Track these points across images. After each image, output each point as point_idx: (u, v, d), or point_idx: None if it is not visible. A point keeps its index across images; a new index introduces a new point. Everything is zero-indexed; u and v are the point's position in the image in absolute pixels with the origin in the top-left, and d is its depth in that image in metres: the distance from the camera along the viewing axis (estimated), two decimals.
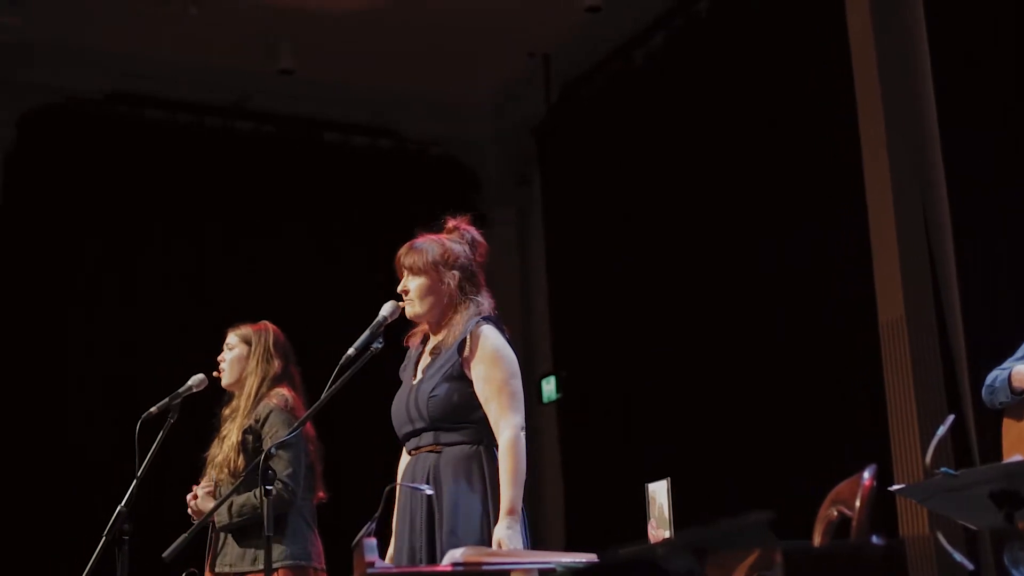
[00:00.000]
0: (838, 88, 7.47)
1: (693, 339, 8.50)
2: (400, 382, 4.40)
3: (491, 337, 4.18)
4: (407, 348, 4.46)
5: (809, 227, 7.70)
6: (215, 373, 5.37)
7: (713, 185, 8.49)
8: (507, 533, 3.92)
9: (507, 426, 4.07)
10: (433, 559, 4.01)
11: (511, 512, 3.97)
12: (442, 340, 4.26)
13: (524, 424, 4.11)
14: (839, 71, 7.46)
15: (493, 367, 4.13)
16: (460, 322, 4.22)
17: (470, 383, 4.15)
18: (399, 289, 4.29)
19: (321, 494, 5.36)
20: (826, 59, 7.64)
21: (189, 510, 5.24)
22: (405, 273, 4.30)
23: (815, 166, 7.69)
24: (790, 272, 7.79)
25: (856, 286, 7.26)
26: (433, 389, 4.15)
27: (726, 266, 8.30)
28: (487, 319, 4.23)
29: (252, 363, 5.37)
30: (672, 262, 8.79)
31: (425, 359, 4.31)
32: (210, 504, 5.15)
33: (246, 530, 5.14)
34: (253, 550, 5.11)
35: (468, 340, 4.17)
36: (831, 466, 3.83)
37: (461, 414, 4.13)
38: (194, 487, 5.29)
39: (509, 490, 3.99)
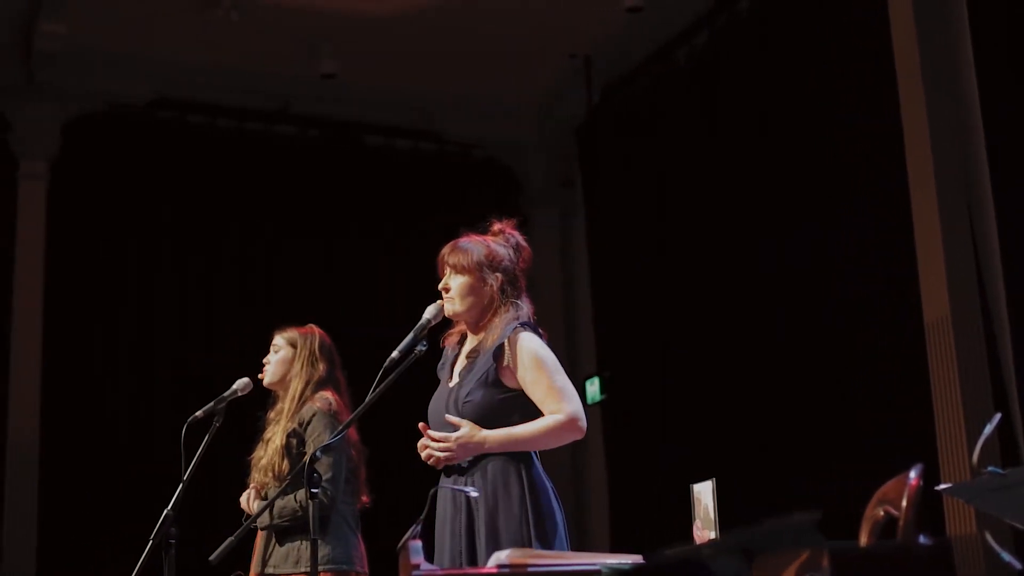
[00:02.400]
0: (880, 85, 7.43)
1: (739, 338, 8.46)
2: (439, 381, 4.40)
3: (529, 342, 4.14)
4: (443, 348, 4.45)
5: (854, 224, 7.66)
6: (260, 376, 5.40)
7: (758, 185, 8.45)
8: (475, 430, 4.04)
9: (559, 411, 4.06)
10: (473, 564, 3.98)
11: (502, 437, 4.03)
12: (480, 343, 4.23)
13: (579, 414, 4.08)
14: (881, 68, 7.42)
15: (538, 371, 4.10)
16: (499, 326, 4.19)
17: (505, 389, 4.12)
18: (440, 287, 4.27)
19: (365, 498, 5.38)
20: (868, 56, 7.60)
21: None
22: (448, 271, 4.28)
23: (859, 164, 7.65)
24: (834, 270, 7.75)
25: (901, 285, 7.22)
26: (468, 394, 4.13)
27: (775, 264, 8.25)
28: (525, 324, 4.20)
29: (297, 366, 5.39)
30: (718, 262, 8.75)
31: (462, 361, 4.29)
32: (257, 506, 5.19)
33: (288, 532, 5.17)
34: (295, 552, 5.14)
35: (506, 347, 4.13)
36: (877, 465, 3.80)
37: (495, 420, 4.08)
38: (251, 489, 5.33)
39: (521, 431, 4.05)
